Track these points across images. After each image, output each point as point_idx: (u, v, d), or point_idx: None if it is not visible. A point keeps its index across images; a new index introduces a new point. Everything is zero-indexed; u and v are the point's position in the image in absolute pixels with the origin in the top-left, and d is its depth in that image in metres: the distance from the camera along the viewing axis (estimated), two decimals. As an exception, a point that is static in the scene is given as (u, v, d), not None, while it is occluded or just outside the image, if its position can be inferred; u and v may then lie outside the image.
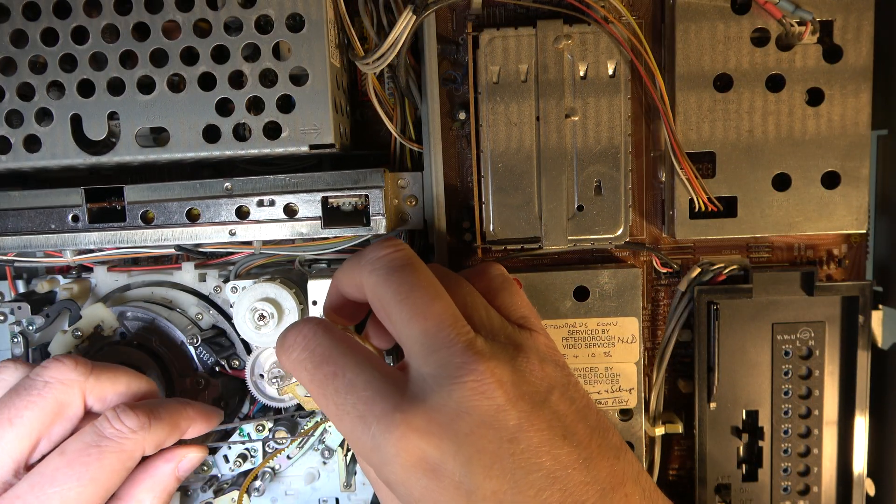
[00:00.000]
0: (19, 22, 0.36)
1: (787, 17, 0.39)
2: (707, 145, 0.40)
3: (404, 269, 0.29)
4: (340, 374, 0.28)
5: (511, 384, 0.26)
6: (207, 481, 0.48)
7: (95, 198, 0.40)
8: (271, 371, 0.45)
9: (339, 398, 0.27)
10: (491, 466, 0.25)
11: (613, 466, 0.27)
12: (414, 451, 0.25)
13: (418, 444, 0.25)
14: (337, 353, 0.29)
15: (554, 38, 0.40)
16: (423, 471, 0.25)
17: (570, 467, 0.26)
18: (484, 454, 0.25)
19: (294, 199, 0.39)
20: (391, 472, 0.26)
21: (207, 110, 0.37)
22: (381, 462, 0.26)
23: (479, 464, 0.25)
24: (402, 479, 0.26)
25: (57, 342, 0.45)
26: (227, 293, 0.45)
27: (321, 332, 0.30)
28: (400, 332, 0.29)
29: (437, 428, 0.25)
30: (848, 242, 0.45)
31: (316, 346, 0.29)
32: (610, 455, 0.28)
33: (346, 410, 0.27)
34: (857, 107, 0.40)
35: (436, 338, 0.27)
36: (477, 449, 0.25)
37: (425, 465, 0.25)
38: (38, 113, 0.37)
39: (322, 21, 0.36)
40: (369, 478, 0.31)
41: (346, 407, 0.27)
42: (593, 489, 0.26)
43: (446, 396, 0.26)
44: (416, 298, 0.28)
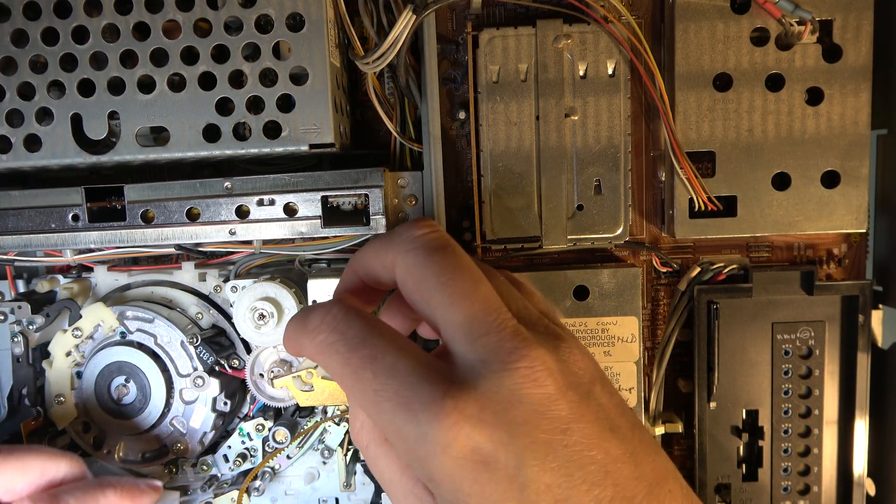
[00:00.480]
0: (20, 21, 0.37)
1: (786, 17, 0.39)
2: (707, 145, 0.40)
3: (445, 251, 0.28)
4: (380, 358, 0.26)
5: (559, 373, 0.25)
6: (207, 481, 0.48)
7: (95, 197, 0.40)
8: (271, 370, 0.45)
9: (378, 384, 0.25)
10: (545, 458, 0.24)
11: (655, 462, 0.26)
12: (466, 442, 0.23)
13: (470, 433, 0.23)
14: (373, 335, 0.26)
15: (554, 38, 0.40)
16: (474, 463, 0.23)
17: (620, 461, 0.25)
18: (538, 445, 0.24)
19: (294, 198, 0.39)
20: (439, 464, 0.24)
21: (207, 110, 0.37)
22: (427, 454, 0.24)
23: (533, 456, 0.24)
24: (451, 472, 0.24)
25: (57, 342, 0.45)
26: (226, 293, 0.45)
27: (352, 313, 0.27)
28: (442, 316, 0.26)
29: (490, 416, 0.24)
30: (848, 242, 0.45)
31: (348, 328, 0.27)
32: (651, 451, 0.26)
33: (387, 397, 0.25)
34: (856, 106, 0.40)
35: (483, 322, 0.25)
36: (531, 440, 0.24)
37: (477, 456, 0.23)
38: (38, 112, 0.37)
39: (322, 21, 0.36)
40: (382, 475, 0.28)
41: (386, 393, 0.25)
42: (642, 485, 0.25)
43: (497, 383, 0.24)
44: (460, 281, 0.26)
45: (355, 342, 0.26)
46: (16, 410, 0.47)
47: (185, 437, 0.45)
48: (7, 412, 0.47)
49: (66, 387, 0.45)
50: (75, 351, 0.45)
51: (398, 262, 0.28)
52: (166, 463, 0.47)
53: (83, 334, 0.45)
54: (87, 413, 0.45)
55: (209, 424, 0.45)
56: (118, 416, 0.45)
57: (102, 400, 0.44)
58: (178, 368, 0.45)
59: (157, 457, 0.46)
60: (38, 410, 0.46)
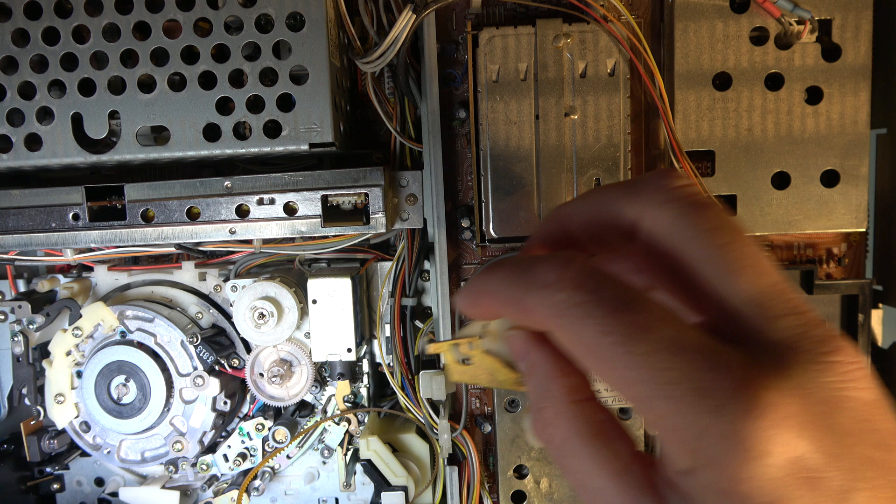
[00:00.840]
0: (21, 21, 0.37)
1: (785, 16, 0.39)
2: (706, 144, 0.40)
3: (715, 208, 0.22)
4: (656, 327, 0.20)
5: (873, 377, 0.20)
6: (207, 481, 0.48)
7: (96, 196, 0.40)
8: (271, 370, 0.45)
9: (658, 360, 0.19)
10: (876, 482, 0.19)
11: None
12: (789, 450, 0.18)
13: (795, 439, 0.18)
14: (639, 299, 0.20)
15: (553, 37, 0.40)
16: (797, 478, 0.18)
17: None
18: (869, 465, 0.19)
19: (294, 197, 0.39)
20: (750, 474, 0.18)
21: (208, 109, 0.37)
22: (730, 458, 0.18)
23: (864, 477, 0.19)
24: (765, 485, 0.18)
25: (57, 341, 0.45)
26: (226, 292, 0.45)
27: (599, 271, 0.21)
28: (722, 284, 0.21)
29: (816, 419, 0.19)
30: (847, 241, 0.45)
31: (601, 287, 0.21)
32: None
33: (672, 379, 0.19)
34: (856, 105, 0.40)
35: (781, 299, 0.20)
36: (863, 457, 0.19)
37: (802, 470, 0.18)
38: (39, 112, 0.37)
39: (322, 20, 0.36)
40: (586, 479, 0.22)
41: (671, 374, 0.19)
42: None
43: (814, 378, 0.19)
44: (745, 246, 0.21)
45: (616, 304, 0.20)
46: (16, 410, 0.47)
47: (185, 437, 0.45)
48: (7, 411, 0.47)
49: (66, 386, 0.45)
50: (75, 350, 0.45)
51: (650, 215, 0.23)
52: (166, 463, 0.47)
53: (83, 334, 0.45)
54: (87, 412, 0.45)
55: (209, 424, 0.45)
56: (118, 415, 0.45)
57: (102, 399, 0.44)
58: (178, 368, 0.45)
59: (157, 457, 0.46)
60: (38, 410, 0.46)
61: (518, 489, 0.44)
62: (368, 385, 0.47)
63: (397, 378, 0.45)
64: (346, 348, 0.43)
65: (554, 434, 0.23)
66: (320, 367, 0.47)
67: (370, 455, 0.44)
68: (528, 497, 0.44)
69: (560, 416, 0.23)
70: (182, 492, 0.48)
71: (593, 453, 0.22)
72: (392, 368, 0.45)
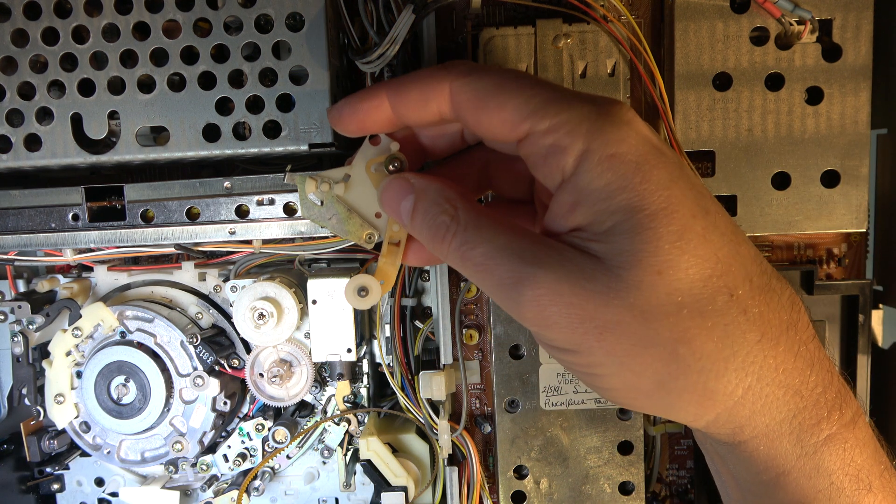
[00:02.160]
0: (20, 21, 0.37)
1: (786, 16, 0.39)
2: (706, 144, 0.40)
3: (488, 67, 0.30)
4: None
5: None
6: (207, 481, 0.48)
7: (95, 197, 0.40)
8: (271, 370, 0.45)
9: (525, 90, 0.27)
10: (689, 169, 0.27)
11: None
12: (641, 126, 0.26)
13: (641, 123, 0.26)
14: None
15: (553, 37, 0.40)
16: (650, 145, 0.26)
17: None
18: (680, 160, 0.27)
19: (294, 197, 0.39)
20: (627, 136, 0.26)
21: (207, 109, 0.37)
22: (612, 127, 0.26)
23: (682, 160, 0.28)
24: (636, 148, 0.25)
25: (57, 341, 0.45)
26: (226, 292, 0.45)
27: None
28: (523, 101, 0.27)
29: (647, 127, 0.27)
30: (848, 241, 0.45)
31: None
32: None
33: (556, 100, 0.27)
34: (856, 105, 0.40)
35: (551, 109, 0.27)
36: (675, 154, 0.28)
37: (652, 142, 0.26)
38: (38, 112, 0.37)
39: (322, 20, 0.36)
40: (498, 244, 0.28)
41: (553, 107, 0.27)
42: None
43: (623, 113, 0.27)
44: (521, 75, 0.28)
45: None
46: (16, 410, 0.47)
47: (185, 437, 0.45)
48: (7, 411, 0.47)
49: (66, 386, 0.45)
50: (75, 350, 0.45)
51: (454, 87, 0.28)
52: (166, 463, 0.47)
53: (83, 334, 0.45)
54: (87, 413, 0.45)
55: (209, 424, 0.45)
56: (118, 415, 0.45)
57: (102, 399, 0.44)
58: (178, 368, 0.45)
59: (157, 457, 0.46)
60: (38, 410, 0.46)
61: (518, 489, 0.44)
62: (368, 385, 0.47)
63: (397, 378, 0.45)
64: (346, 348, 0.43)
65: (472, 248, 0.27)
66: (320, 367, 0.47)
67: (370, 455, 0.44)
68: (528, 497, 0.44)
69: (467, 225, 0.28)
70: (182, 492, 0.48)
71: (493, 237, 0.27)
72: (392, 369, 0.45)
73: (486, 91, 0.28)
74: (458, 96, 0.28)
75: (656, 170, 0.25)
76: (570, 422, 0.43)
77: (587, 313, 0.25)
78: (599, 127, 0.25)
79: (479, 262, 0.27)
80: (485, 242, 0.27)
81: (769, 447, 0.26)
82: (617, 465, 0.43)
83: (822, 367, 0.27)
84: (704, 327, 0.25)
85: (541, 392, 0.43)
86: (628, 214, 0.25)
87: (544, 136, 0.26)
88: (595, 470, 0.43)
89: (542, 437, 0.43)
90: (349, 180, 0.33)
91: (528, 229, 0.28)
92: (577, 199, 0.26)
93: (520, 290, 0.26)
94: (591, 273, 0.25)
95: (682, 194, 0.25)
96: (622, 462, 0.43)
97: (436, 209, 0.28)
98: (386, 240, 0.32)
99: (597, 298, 0.25)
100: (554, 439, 0.43)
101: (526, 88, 0.27)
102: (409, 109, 0.30)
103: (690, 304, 0.25)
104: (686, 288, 0.24)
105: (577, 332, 0.25)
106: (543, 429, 0.43)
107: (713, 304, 0.25)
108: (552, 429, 0.43)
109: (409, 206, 0.29)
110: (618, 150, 0.25)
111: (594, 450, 0.43)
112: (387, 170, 0.31)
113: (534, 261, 0.26)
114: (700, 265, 0.25)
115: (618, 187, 0.25)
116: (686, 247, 0.24)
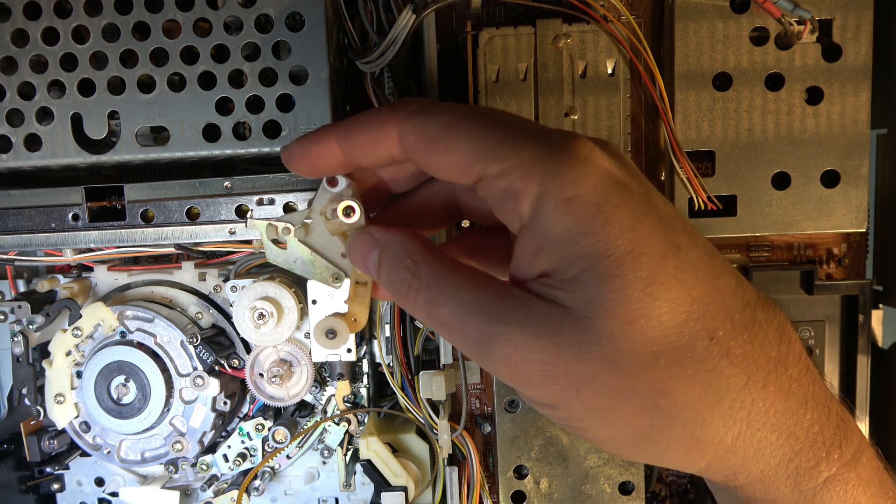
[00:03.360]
0: (20, 21, 0.37)
1: (786, 16, 0.39)
2: (706, 144, 0.40)
3: (442, 106, 0.27)
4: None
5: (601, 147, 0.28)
6: (207, 481, 0.48)
7: (95, 197, 0.40)
8: (271, 370, 0.45)
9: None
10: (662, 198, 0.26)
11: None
12: (603, 161, 0.25)
13: (601, 156, 0.25)
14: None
15: (553, 37, 0.40)
16: (613, 181, 0.24)
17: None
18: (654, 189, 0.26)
19: (294, 197, 0.39)
20: (584, 176, 0.24)
21: (207, 109, 0.37)
22: (568, 166, 0.24)
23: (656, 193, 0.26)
24: (595, 188, 0.24)
25: (57, 341, 0.45)
26: (226, 292, 0.45)
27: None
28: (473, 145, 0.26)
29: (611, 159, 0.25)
30: (848, 241, 0.45)
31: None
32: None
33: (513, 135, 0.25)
34: (856, 105, 0.40)
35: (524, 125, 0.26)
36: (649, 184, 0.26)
37: (614, 177, 0.24)
38: (38, 112, 0.37)
39: (321, 20, 0.36)
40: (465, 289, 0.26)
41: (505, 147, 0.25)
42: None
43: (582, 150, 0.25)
44: (476, 112, 0.27)
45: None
46: (16, 410, 0.47)
47: (185, 437, 0.45)
48: (7, 411, 0.47)
49: (66, 386, 0.45)
50: (75, 350, 0.45)
51: (402, 129, 0.27)
52: (166, 463, 0.47)
53: (83, 334, 0.45)
54: (87, 412, 0.45)
55: (209, 424, 0.45)
56: (118, 415, 0.45)
57: (102, 399, 0.44)
58: (178, 368, 0.45)
59: (157, 457, 0.46)
60: (38, 410, 0.46)
61: (518, 489, 0.44)
62: (368, 385, 0.47)
63: (397, 378, 0.45)
64: (346, 349, 0.43)
65: (437, 306, 0.26)
66: (320, 367, 0.47)
67: (370, 455, 0.44)
68: (528, 497, 0.44)
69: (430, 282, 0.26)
70: (182, 492, 0.48)
71: (457, 294, 0.26)
72: (392, 369, 0.45)
73: (435, 133, 0.26)
74: (406, 139, 0.27)
75: (619, 209, 0.24)
76: (570, 422, 0.43)
77: (560, 369, 0.24)
78: (553, 168, 0.24)
79: (445, 321, 0.26)
80: (449, 300, 0.26)
81: (766, 492, 0.25)
82: (617, 464, 0.43)
83: (817, 403, 0.25)
84: (685, 376, 0.23)
85: (541, 392, 0.43)
86: (593, 261, 0.23)
87: (497, 181, 0.25)
88: (595, 470, 0.43)
89: (542, 436, 0.43)
90: (310, 223, 0.32)
91: (493, 280, 0.26)
92: (538, 245, 0.25)
93: (489, 349, 0.24)
94: (560, 326, 0.24)
95: (649, 233, 0.24)
96: (622, 462, 0.43)
97: (398, 265, 0.27)
98: (353, 280, 0.31)
99: (568, 353, 0.24)
100: (554, 439, 0.43)
101: (475, 129, 0.25)
102: (359, 153, 0.29)
103: (667, 353, 0.23)
104: (661, 336, 0.23)
105: (553, 388, 0.24)
106: (543, 429, 0.43)
107: (692, 351, 0.23)
108: (552, 428, 0.43)
109: (374, 261, 0.29)
110: (575, 191, 0.24)
111: (594, 450, 0.43)
112: (341, 217, 0.30)
113: (500, 317, 0.24)
114: (674, 310, 0.23)
115: (579, 232, 0.23)
116: (657, 292, 0.23)
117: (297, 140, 0.30)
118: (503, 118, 0.26)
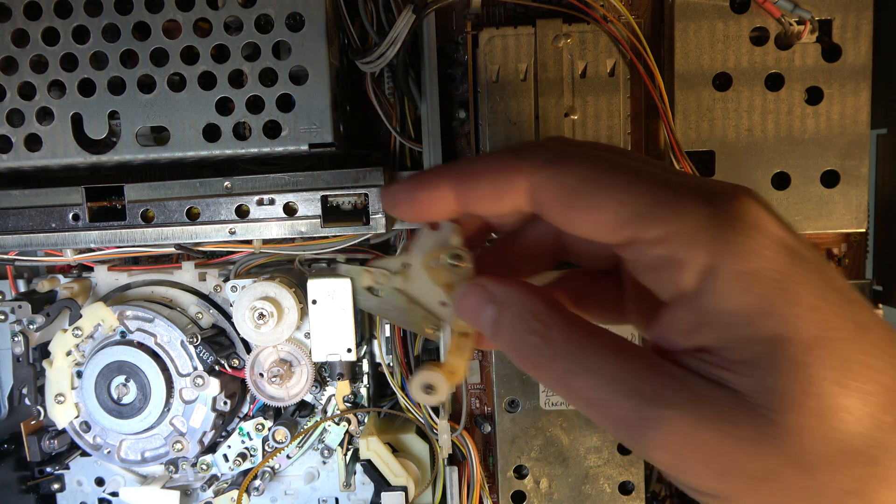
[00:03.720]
0: (20, 21, 0.37)
1: (786, 16, 0.39)
2: (706, 144, 0.40)
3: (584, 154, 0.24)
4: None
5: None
6: (207, 481, 0.48)
7: (96, 197, 0.40)
8: (271, 370, 0.45)
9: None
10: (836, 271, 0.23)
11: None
12: (773, 225, 0.22)
13: (770, 218, 0.22)
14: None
15: (553, 37, 0.40)
16: (788, 248, 0.22)
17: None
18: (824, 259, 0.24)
19: (294, 197, 0.39)
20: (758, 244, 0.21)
21: (208, 109, 0.37)
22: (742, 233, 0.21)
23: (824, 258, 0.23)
24: (772, 259, 0.21)
25: (57, 341, 0.45)
26: (226, 292, 0.45)
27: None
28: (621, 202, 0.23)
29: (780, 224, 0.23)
30: (847, 241, 0.45)
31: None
32: None
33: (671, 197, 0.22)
34: (856, 105, 0.40)
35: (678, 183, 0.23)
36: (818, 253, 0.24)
37: (787, 243, 0.22)
38: (39, 112, 0.37)
39: (322, 20, 0.36)
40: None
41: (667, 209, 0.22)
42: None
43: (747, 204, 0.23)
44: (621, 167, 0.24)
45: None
46: (16, 410, 0.47)
47: (185, 437, 0.45)
48: (7, 411, 0.47)
49: (66, 386, 0.45)
50: (75, 350, 0.45)
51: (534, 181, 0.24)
52: (166, 463, 0.47)
53: (83, 334, 0.45)
54: (87, 412, 0.45)
55: (209, 424, 0.45)
56: (118, 415, 0.45)
57: (102, 399, 0.44)
58: (178, 368, 0.45)
59: (157, 457, 0.46)
60: (38, 410, 0.46)
61: (518, 489, 0.44)
62: (368, 385, 0.47)
63: (397, 378, 0.45)
64: (346, 348, 0.43)
65: (575, 378, 0.23)
66: (320, 367, 0.47)
67: (370, 455, 0.44)
68: (528, 497, 0.44)
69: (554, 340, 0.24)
70: (182, 492, 0.48)
71: (599, 366, 0.23)
72: (392, 368, 0.45)
73: (574, 189, 0.23)
74: (539, 193, 0.24)
75: (802, 286, 0.21)
76: (570, 422, 0.43)
77: (734, 462, 0.21)
78: (724, 237, 0.21)
79: (587, 396, 0.23)
80: (589, 374, 0.23)
81: None
82: (617, 464, 0.43)
83: None
84: (877, 476, 0.21)
85: (541, 392, 0.43)
86: (774, 346, 0.21)
87: (653, 247, 0.22)
88: (595, 470, 0.43)
89: (542, 436, 0.44)
90: (408, 269, 0.29)
91: (638, 349, 0.23)
92: (701, 319, 0.22)
93: (645, 433, 0.22)
94: (733, 415, 0.21)
95: (835, 314, 0.21)
96: (622, 462, 0.43)
97: (523, 327, 0.24)
98: (455, 331, 0.28)
99: (745, 446, 0.21)
100: (554, 439, 0.43)
101: (622, 185, 0.23)
102: (479, 204, 0.26)
103: (860, 450, 0.21)
104: (853, 430, 0.21)
105: (724, 482, 0.22)
106: (543, 429, 0.44)
107: (884, 447, 0.21)
108: (552, 429, 0.43)
109: (489, 319, 0.25)
110: (752, 266, 0.21)
111: (594, 449, 0.43)
112: (447, 265, 0.27)
113: (657, 398, 0.22)
114: (866, 402, 0.21)
115: (757, 311, 0.21)
116: (850, 383, 0.21)
117: (403, 183, 0.27)
118: (651, 171, 0.23)
